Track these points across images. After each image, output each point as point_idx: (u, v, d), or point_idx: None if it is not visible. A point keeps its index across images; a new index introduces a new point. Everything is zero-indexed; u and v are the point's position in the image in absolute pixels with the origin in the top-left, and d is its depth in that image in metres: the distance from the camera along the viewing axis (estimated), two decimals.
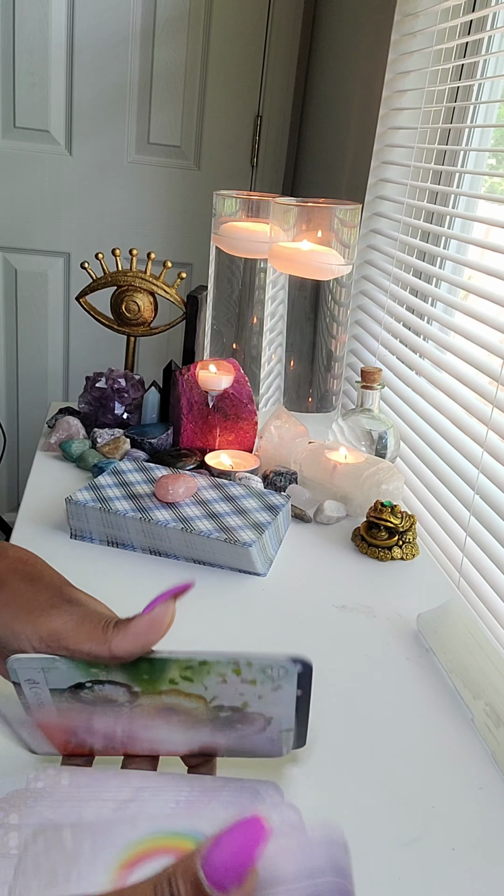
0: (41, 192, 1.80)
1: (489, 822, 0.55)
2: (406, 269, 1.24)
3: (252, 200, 1.22)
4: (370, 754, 0.60)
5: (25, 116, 1.73)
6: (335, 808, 0.54)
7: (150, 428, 1.11)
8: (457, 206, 1.21)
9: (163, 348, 1.96)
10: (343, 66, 1.53)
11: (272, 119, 1.84)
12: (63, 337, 1.94)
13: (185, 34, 1.73)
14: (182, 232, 1.89)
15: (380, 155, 1.32)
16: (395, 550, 0.89)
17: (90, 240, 1.85)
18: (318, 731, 0.62)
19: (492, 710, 0.63)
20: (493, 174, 1.11)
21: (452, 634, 0.72)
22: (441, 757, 0.61)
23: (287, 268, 1.12)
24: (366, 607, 0.79)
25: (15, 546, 0.46)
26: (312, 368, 1.17)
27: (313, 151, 1.73)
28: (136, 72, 1.74)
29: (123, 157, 1.81)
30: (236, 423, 1.07)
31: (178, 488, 0.86)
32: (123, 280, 1.20)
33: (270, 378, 1.27)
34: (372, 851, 0.51)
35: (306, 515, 0.95)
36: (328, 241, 1.08)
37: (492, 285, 0.97)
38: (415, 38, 1.20)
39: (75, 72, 1.72)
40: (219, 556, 0.82)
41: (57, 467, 1.04)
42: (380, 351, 1.28)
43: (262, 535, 0.81)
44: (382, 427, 1.07)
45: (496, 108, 1.13)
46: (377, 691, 0.67)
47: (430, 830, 0.54)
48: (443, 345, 1.06)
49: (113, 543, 0.85)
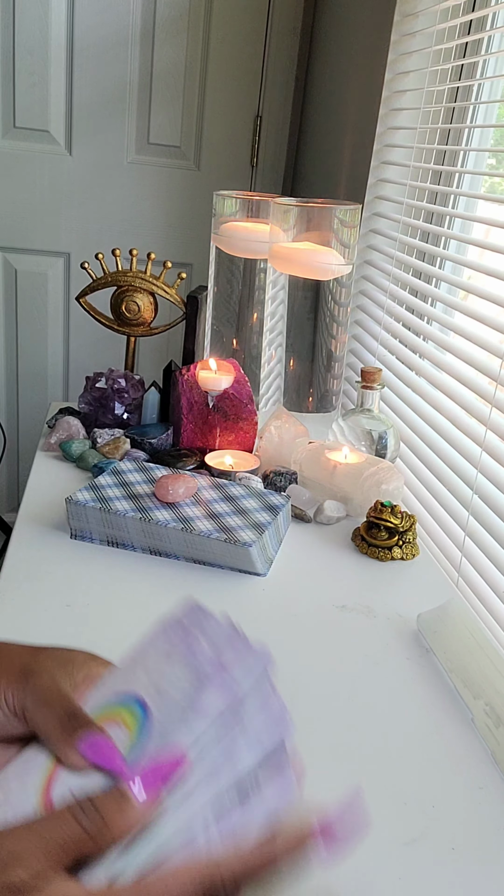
0: (41, 193, 1.80)
1: (489, 822, 0.55)
2: (406, 269, 1.24)
3: (252, 201, 1.22)
4: (370, 754, 0.60)
5: (25, 116, 1.73)
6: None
7: (150, 428, 1.11)
8: (456, 207, 1.21)
9: (163, 348, 1.96)
10: (343, 67, 1.53)
11: (272, 119, 1.84)
12: (63, 337, 1.94)
13: (185, 34, 1.73)
14: (182, 232, 1.89)
15: (379, 155, 1.32)
16: (395, 550, 0.89)
17: (90, 240, 1.85)
18: (318, 730, 0.62)
19: (492, 710, 0.63)
20: (493, 174, 1.11)
21: (452, 634, 0.72)
22: (441, 757, 0.61)
23: (287, 268, 1.12)
24: (366, 607, 0.79)
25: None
26: (312, 368, 1.18)
27: (313, 151, 1.73)
28: (135, 72, 1.74)
29: (123, 157, 1.81)
30: (236, 423, 1.07)
31: (178, 488, 0.86)
32: (123, 280, 1.20)
33: (270, 378, 1.27)
34: (372, 851, 0.51)
35: (306, 515, 0.95)
36: (328, 241, 1.08)
37: (491, 285, 0.97)
38: (414, 39, 1.20)
39: (75, 72, 1.72)
40: (219, 557, 0.82)
41: (57, 467, 1.04)
42: (379, 351, 1.28)
43: (262, 535, 0.81)
44: (382, 427, 1.07)
45: (496, 108, 1.13)
46: (377, 691, 0.67)
47: (430, 830, 0.54)
48: (442, 345, 1.06)
49: (113, 543, 0.85)
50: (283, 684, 0.66)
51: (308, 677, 0.68)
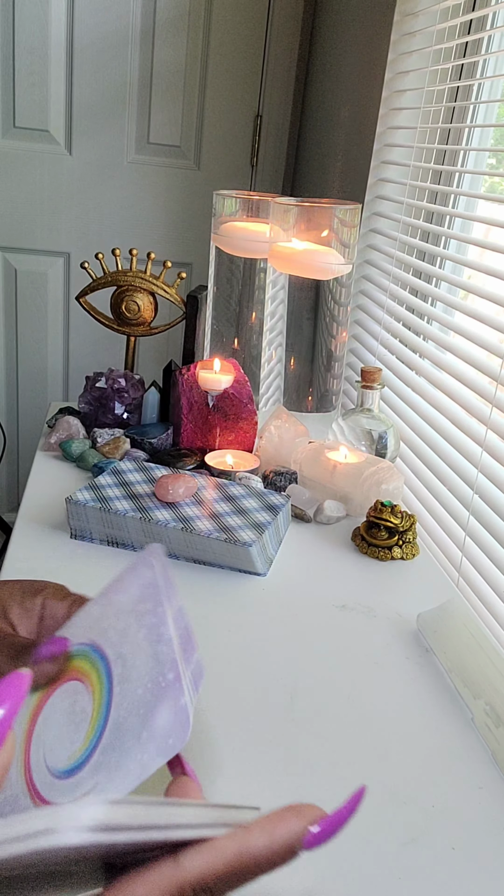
0: (41, 192, 1.80)
1: (489, 822, 0.55)
2: (406, 268, 1.24)
3: (252, 200, 1.22)
4: (370, 754, 0.60)
5: (25, 116, 1.73)
6: (335, 808, 0.54)
7: (150, 428, 1.11)
8: (456, 206, 1.21)
9: (163, 348, 1.96)
10: (342, 66, 1.53)
11: (272, 119, 1.84)
12: (63, 337, 1.94)
13: (185, 34, 1.73)
14: (182, 232, 1.89)
15: (379, 154, 1.32)
16: (395, 550, 0.89)
17: (90, 240, 1.85)
18: (317, 730, 0.62)
19: (492, 710, 0.63)
20: (493, 174, 1.11)
21: (452, 634, 0.72)
22: (441, 757, 0.61)
23: (287, 268, 1.12)
24: (366, 607, 0.79)
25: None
26: (312, 368, 1.18)
27: (313, 151, 1.73)
28: (135, 72, 1.74)
29: (123, 156, 1.81)
30: (236, 423, 1.07)
31: (178, 488, 0.86)
32: (123, 280, 1.20)
33: (270, 378, 1.27)
34: (372, 851, 0.51)
35: (306, 515, 0.95)
36: (328, 241, 1.08)
37: (491, 285, 0.97)
38: (414, 38, 1.20)
39: (75, 72, 1.72)
40: (219, 556, 0.82)
41: (57, 467, 1.04)
42: (379, 351, 1.28)
43: (262, 535, 0.81)
44: (382, 427, 1.07)
45: (496, 108, 1.13)
46: (377, 691, 0.67)
47: (430, 830, 0.54)
48: (442, 345, 1.06)
49: (113, 543, 0.85)
50: (283, 684, 0.66)
51: (308, 677, 0.68)
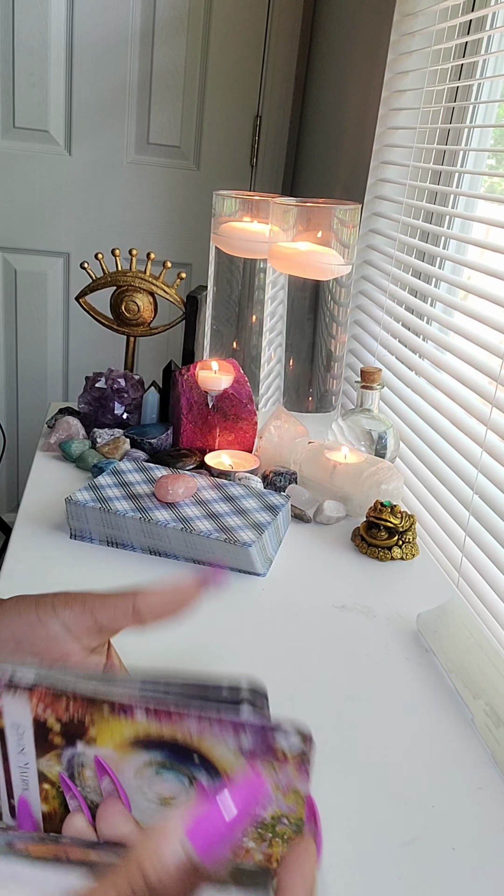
0: (41, 193, 1.80)
1: (489, 822, 0.55)
2: (405, 269, 1.24)
3: (252, 200, 1.22)
4: (370, 754, 0.60)
5: (25, 116, 1.73)
6: (335, 808, 0.54)
7: (150, 428, 1.11)
8: (456, 206, 1.21)
9: (163, 348, 1.96)
10: (342, 67, 1.53)
11: (272, 119, 1.84)
12: (63, 337, 1.94)
13: (185, 34, 1.73)
14: (182, 232, 1.89)
15: (379, 155, 1.32)
16: (395, 550, 0.89)
17: (90, 240, 1.85)
18: (317, 731, 0.62)
19: (492, 710, 0.63)
20: (493, 174, 1.11)
21: (452, 634, 0.72)
22: (441, 757, 0.61)
23: (287, 268, 1.12)
24: (366, 607, 0.79)
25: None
26: (312, 368, 1.18)
27: (313, 151, 1.73)
28: (135, 72, 1.74)
29: (123, 157, 1.81)
30: (236, 423, 1.07)
31: (178, 488, 0.86)
32: (123, 280, 1.20)
33: (270, 378, 1.27)
34: (372, 851, 0.51)
35: (306, 515, 0.95)
36: (328, 241, 1.08)
37: (491, 285, 0.97)
38: (414, 38, 1.20)
39: (75, 72, 1.72)
40: (218, 557, 0.82)
41: (57, 467, 1.04)
42: (379, 351, 1.28)
43: (262, 535, 0.81)
44: (382, 427, 1.07)
45: (496, 108, 1.13)
46: (377, 691, 0.67)
47: (430, 830, 0.54)
48: (442, 345, 1.06)
49: (113, 543, 0.85)
50: (283, 684, 0.66)
51: (308, 677, 0.68)
